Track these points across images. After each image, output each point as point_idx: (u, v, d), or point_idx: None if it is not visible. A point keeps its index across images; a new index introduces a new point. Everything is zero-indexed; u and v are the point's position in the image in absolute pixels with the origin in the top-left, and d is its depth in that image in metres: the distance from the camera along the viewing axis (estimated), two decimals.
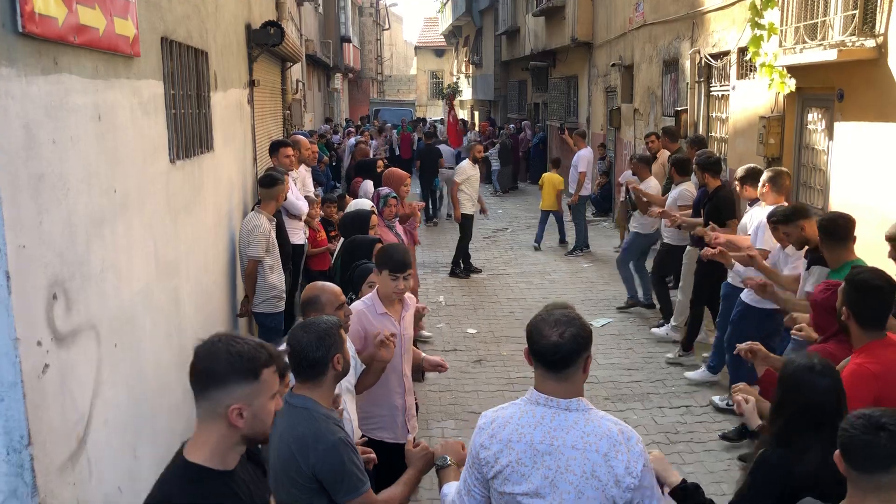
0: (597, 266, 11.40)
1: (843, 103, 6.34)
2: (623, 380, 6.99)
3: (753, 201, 6.22)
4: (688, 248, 7.51)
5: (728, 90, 9.04)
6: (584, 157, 12.10)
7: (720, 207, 6.74)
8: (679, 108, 10.60)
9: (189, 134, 4.77)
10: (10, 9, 2.39)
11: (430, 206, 15.77)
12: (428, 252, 12.55)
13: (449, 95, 21.95)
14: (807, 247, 4.84)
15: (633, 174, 9.16)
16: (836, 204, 6.44)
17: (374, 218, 5.75)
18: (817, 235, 4.45)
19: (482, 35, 31.13)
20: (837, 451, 2.22)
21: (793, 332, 4.21)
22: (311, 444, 2.68)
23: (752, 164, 6.55)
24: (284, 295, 6.25)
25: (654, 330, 8.22)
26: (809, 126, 7.24)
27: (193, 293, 4.69)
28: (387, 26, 45.37)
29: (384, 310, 3.96)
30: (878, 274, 3.30)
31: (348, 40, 28.29)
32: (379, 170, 9.23)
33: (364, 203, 6.49)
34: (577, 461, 2.29)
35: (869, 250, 5.77)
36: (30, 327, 2.46)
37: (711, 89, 9.80)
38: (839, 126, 6.44)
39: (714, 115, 9.83)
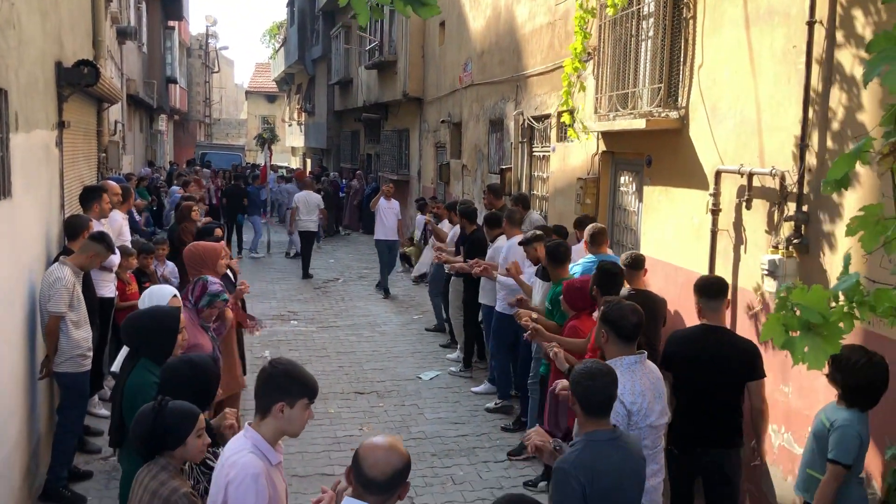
0: (427, 317, 11.46)
1: (651, 168, 6.81)
2: (450, 434, 6.99)
3: (495, 238, 7.96)
4: (452, 278, 9.07)
5: (549, 151, 9.50)
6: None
7: (474, 246, 8.44)
8: (504, 167, 11.01)
9: None
10: None
11: (237, 242, 17.38)
12: (253, 303, 12.10)
13: (268, 141, 21.81)
14: (539, 264, 6.52)
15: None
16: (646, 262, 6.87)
17: (184, 318, 4.16)
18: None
19: (315, 83, 31.11)
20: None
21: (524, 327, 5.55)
22: None
23: (493, 210, 8.45)
24: (91, 353, 5.76)
25: (448, 356, 9.38)
26: (622, 188, 7.72)
27: None
28: (216, 69, 44.28)
29: (279, 457, 2.99)
30: (613, 263, 5.28)
31: (174, 81, 27.35)
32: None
33: (164, 293, 4.63)
34: (661, 383, 3.86)
35: (676, 305, 6.17)
36: None
37: (534, 150, 10.27)
38: (647, 189, 6.91)
39: (536, 174, 10.29)
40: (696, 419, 4.31)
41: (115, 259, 6.81)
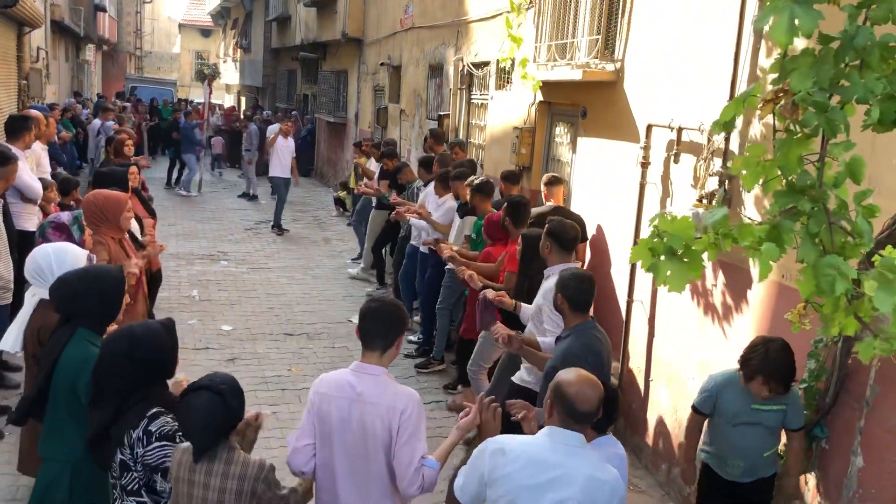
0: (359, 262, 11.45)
1: (586, 120, 6.87)
2: None
3: (427, 181, 8.28)
4: (373, 211, 9.85)
5: (487, 99, 9.48)
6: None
7: (396, 181, 9.20)
8: (442, 113, 10.95)
9: None
10: None
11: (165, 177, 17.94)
12: (182, 242, 11.90)
13: (209, 77, 20.89)
14: (460, 202, 7.21)
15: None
16: (576, 212, 6.98)
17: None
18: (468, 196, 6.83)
19: (252, 19, 30.15)
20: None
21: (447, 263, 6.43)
22: None
23: (423, 155, 8.99)
24: (12, 286, 5.60)
25: (349, 270, 10.60)
26: (557, 139, 7.78)
27: None
28: None
29: None
30: (522, 196, 6.16)
31: (103, 9, 26.20)
32: (132, 177, 6.68)
33: (78, 254, 3.90)
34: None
35: (606, 255, 6.31)
36: None
37: (472, 97, 10.23)
38: (582, 140, 6.98)
39: (474, 121, 10.27)
40: None
41: (40, 190, 6.60)
